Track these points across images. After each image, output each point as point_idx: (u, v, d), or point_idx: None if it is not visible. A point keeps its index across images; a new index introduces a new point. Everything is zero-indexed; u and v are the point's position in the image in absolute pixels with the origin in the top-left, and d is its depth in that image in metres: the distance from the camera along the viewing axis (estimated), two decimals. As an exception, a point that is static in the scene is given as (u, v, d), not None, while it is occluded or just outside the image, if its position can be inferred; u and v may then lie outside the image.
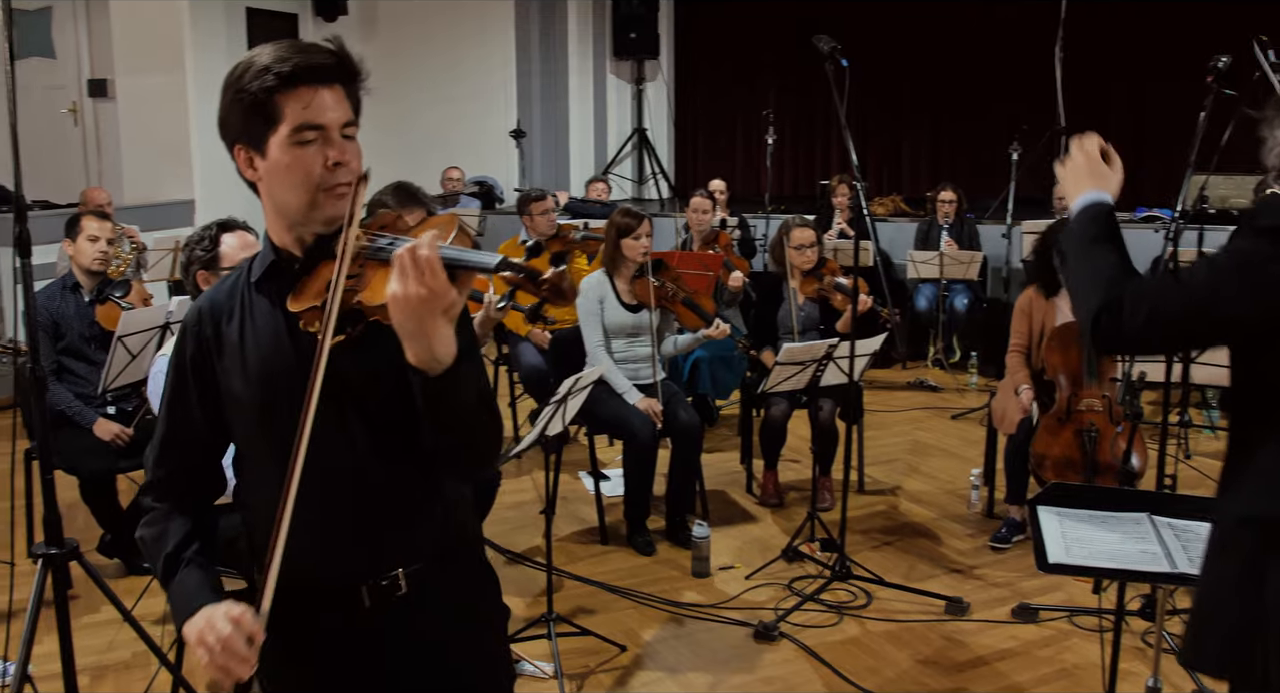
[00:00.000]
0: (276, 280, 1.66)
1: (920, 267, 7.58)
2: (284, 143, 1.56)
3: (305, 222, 1.62)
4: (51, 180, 8.94)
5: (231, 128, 1.62)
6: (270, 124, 1.56)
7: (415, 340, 1.46)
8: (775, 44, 11.00)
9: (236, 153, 1.62)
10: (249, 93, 1.56)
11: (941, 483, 5.48)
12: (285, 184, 1.59)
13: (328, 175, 1.58)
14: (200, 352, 1.69)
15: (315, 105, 1.56)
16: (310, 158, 1.57)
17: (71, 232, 4.41)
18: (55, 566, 2.60)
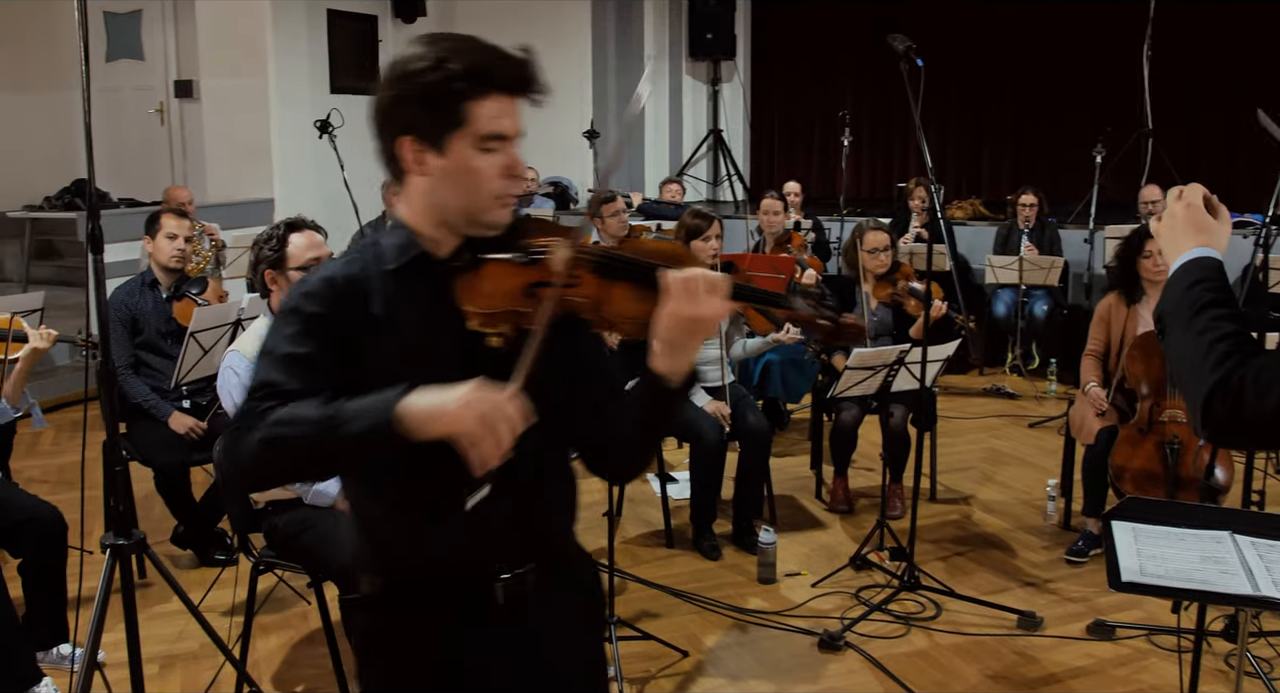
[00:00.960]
0: (424, 272, 1.63)
1: (999, 271, 7.42)
2: (468, 146, 1.57)
3: (465, 224, 1.62)
4: (139, 178, 9.20)
5: (400, 119, 1.58)
6: (456, 125, 1.56)
7: (675, 354, 1.57)
8: (852, 44, 10.87)
9: (400, 143, 1.59)
10: (438, 88, 1.54)
11: (1016, 493, 5.35)
12: (459, 186, 1.59)
13: (503, 185, 1.60)
14: (342, 323, 1.60)
15: (507, 116, 1.58)
16: (491, 165, 1.58)
17: (151, 229, 4.49)
18: (123, 557, 2.64)
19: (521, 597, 1.70)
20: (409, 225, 1.66)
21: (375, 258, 1.65)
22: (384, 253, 1.65)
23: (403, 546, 1.68)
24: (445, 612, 1.70)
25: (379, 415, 1.48)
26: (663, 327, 1.55)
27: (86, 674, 2.77)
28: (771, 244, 6.87)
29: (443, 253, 1.64)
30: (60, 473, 5.61)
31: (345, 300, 1.61)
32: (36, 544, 3.50)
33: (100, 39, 9.43)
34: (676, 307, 1.53)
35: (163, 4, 9.33)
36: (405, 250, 1.64)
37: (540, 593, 1.73)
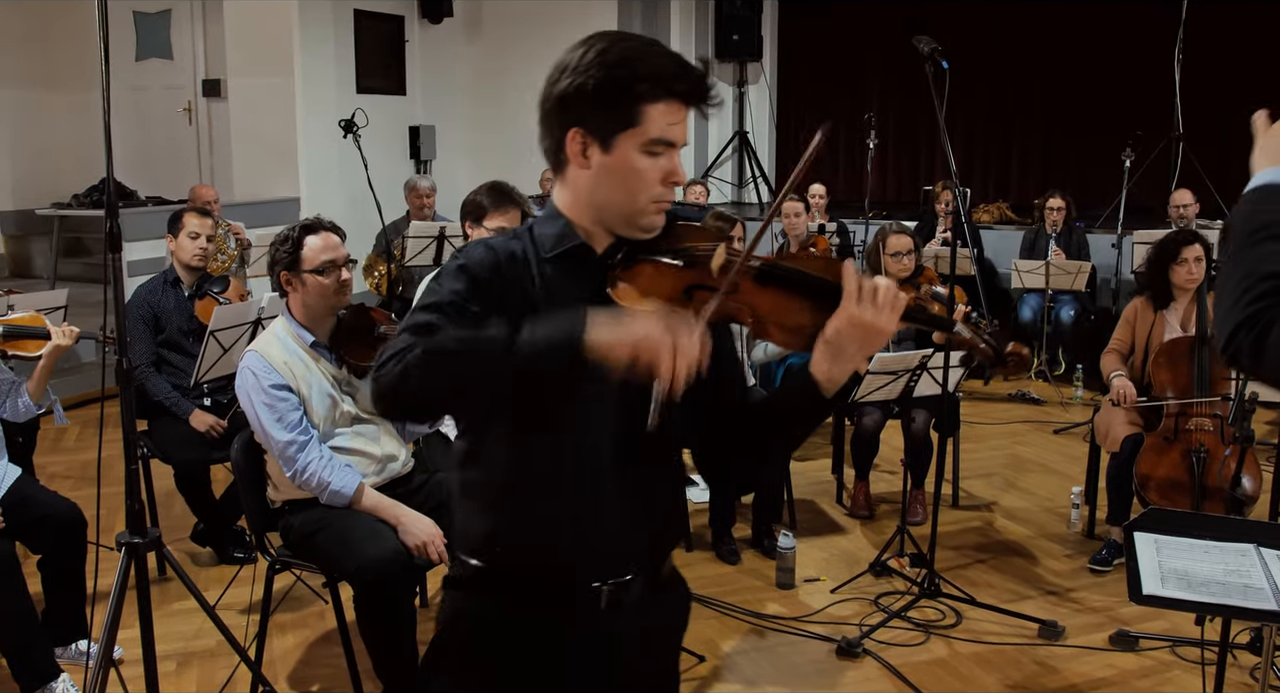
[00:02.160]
0: (580, 263, 1.64)
1: (1025, 276, 7.35)
2: (635, 147, 1.57)
3: (618, 224, 1.63)
4: (166, 177, 9.26)
5: (575, 110, 1.58)
6: (628, 125, 1.56)
7: (841, 361, 1.57)
8: (880, 46, 10.81)
9: (571, 134, 1.59)
10: (619, 86, 1.55)
11: (1040, 500, 5.29)
12: (621, 185, 1.59)
13: (662, 190, 1.61)
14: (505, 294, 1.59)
15: (678, 124, 1.59)
16: (654, 169, 1.59)
17: (174, 227, 4.51)
18: (137, 555, 2.64)
19: (621, 602, 1.69)
20: (565, 216, 1.66)
21: (529, 243, 1.65)
22: (541, 239, 1.65)
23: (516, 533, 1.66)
24: (547, 606, 1.68)
25: (565, 328, 1.44)
26: (836, 330, 1.55)
27: (102, 671, 2.78)
28: (795, 246, 6.84)
29: (597, 247, 1.65)
30: (83, 469, 5.64)
31: (508, 273, 1.61)
32: (55, 540, 3.52)
33: (130, 38, 9.50)
34: (859, 312, 1.53)
35: (191, 4, 9.39)
36: (563, 240, 1.65)
37: (642, 600, 1.71)
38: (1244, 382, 3.54)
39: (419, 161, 10.39)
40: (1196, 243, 4.41)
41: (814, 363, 1.59)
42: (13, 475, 3.62)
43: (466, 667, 1.74)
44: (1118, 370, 4.47)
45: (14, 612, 3.30)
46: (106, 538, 3.95)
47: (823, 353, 1.57)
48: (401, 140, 10.25)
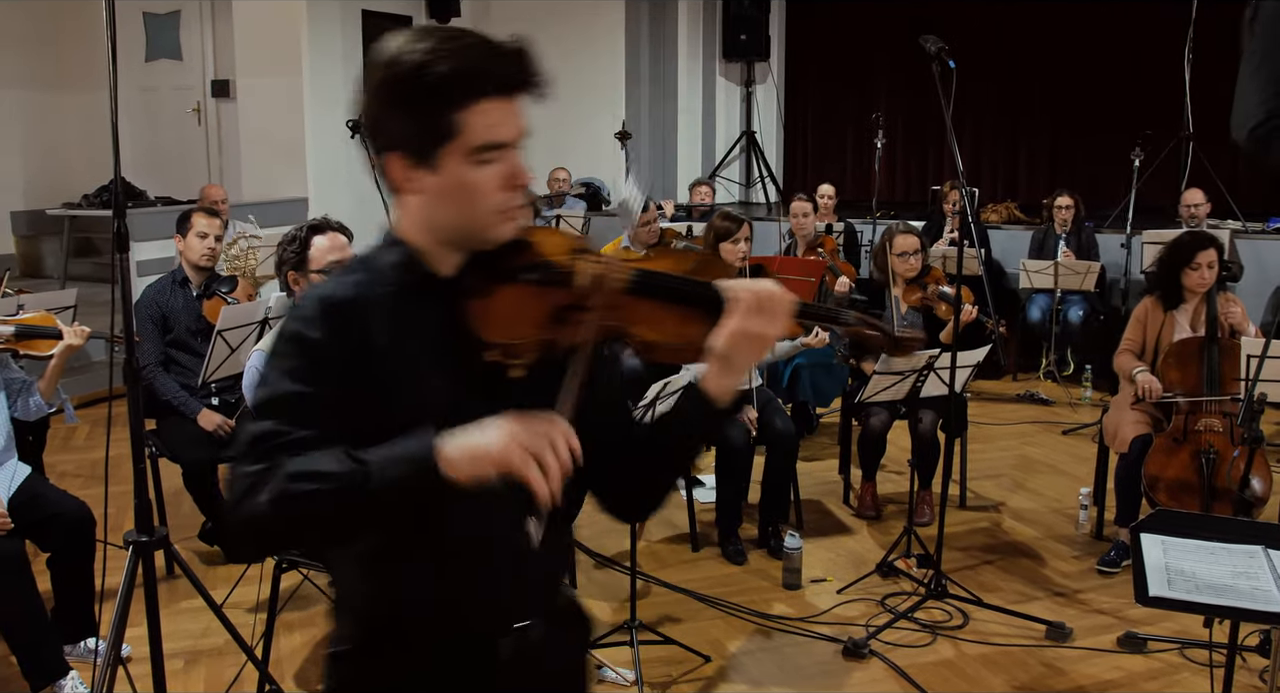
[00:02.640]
0: (429, 294, 1.47)
1: (1033, 276, 7.32)
2: (461, 160, 1.40)
3: (464, 242, 1.47)
4: (176, 177, 9.29)
5: (388, 134, 1.42)
6: (445, 138, 1.39)
7: (730, 373, 1.47)
8: (888, 46, 10.79)
9: (389, 160, 1.42)
10: (423, 100, 1.37)
11: (1048, 501, 5.28)
12: (455, 204, 1.42)
13: (505, 197, 1.43)
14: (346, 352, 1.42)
15: (504, 122, 1.41)
16: (489, 178, 1.41)
17: (182, 227, 4.53)
18: (145, 553, 2.65)
19: (525, 649, 1.56)
20: (407, 241, 1.49)
21: (371, 278, 1.47)
22: (382, 272, 1.47)
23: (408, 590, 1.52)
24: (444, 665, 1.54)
25: (417, 460, 1.31)
26: (725, 343, 1.44)
27: (110, 669, 2.79)
28: (803, 247, 6.83)
29: (446, 271, 1.48)
30: (93, 468, 5.66)
31: (346, 326, 1.42)
32: (65, 539, 3.54)
33: (139, 39, 9.53)
34: (746, 323, 1.43)
35: (200, 4, 9.42)
36: (406, 270, 1.48)
37: (544, 644, 1.59)
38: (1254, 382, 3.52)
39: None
40: (1211, 248, 4.39)
41: (705, 378, 1.48)
42: (23, 474, 3.64)
43: None
44: (1139, 366, 4.43)
45: (23, 610, 3.31)
46: (115, 537, 3.94)
47: (714, 366, 1.47)
48: (410, 140, 10.27)
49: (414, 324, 1.45)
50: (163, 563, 4.20)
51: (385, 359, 1.42)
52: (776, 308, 1.44)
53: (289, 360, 1.41)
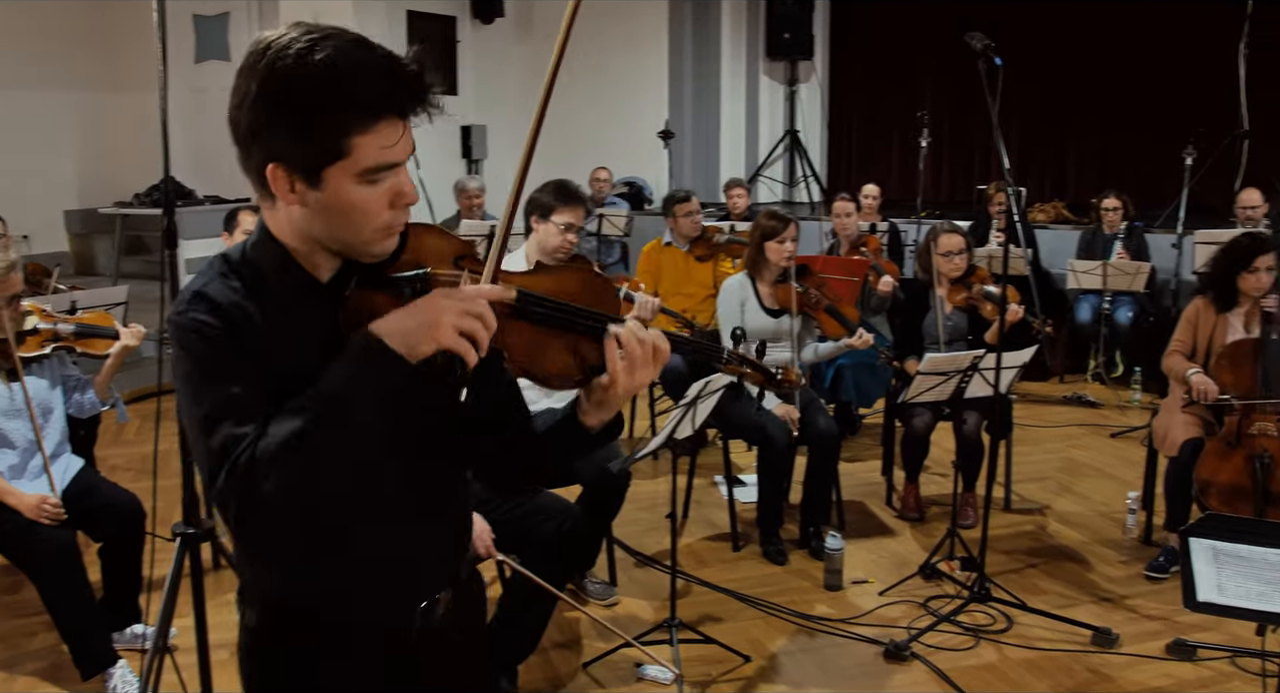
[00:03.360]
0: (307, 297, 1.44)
1: (1081, 276, 7.23)
2: (348, 180, 1.35)
3: (343, 251, 1.43)
4: (224, 177, 9.38)
5: (271, 145, 1.34)
6: (334, 158, 1.33)
7: (610, 409, 1.56)
8: (933, 44, 10.70)
9: (271, 170, 1.35)
10: (313, 118, 1.31)
11: (1095, 505, 5.20)
12: (340, 219, 1.38)
13: (391, 215, 1.39)
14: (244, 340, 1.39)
15: (397, 144, 1.36)
16: (378, 198, 1.37)
17: (229, 225, 4.58)
18: (191, 544, 2.69)
19: (432, 623, 1.60)
20: (281, 241, 1.44)
21: (253, 278, 1.43)
22: (256, 269, 1.44)
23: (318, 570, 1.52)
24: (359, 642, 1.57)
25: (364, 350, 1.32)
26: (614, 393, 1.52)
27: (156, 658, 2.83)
28: (846, 246, 6.79)
29: (323, 276, 1.45)
30: (143, 462, 5.75)
31: (236, 327, 1.39)
32: (115, 530, 3.60)
33: (189, 40, 9.66)
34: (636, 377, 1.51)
35: (249, 6, 9.53)
36: (282, 271, 1.44)
37: (449, 617, 1.63)
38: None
39: (470, 160, 10.48)
40: (1271, 252, 4.30)
41: (583, 412, 1.55)
42: (75, 467, 3.71)
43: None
44: (1194, 368, 4.35)
45: (75, 599, 3.38)
46: (163, 529, 4.00)
47: (593, 404, 1.54)
48: (453, 140, 10.34)
49: (297, 327, 1.42)
50: (209, 556, 4.27)
51: (270, 356, 1.39)
52: (660, 359, 1.51)
53: (206, 363, 1.38)
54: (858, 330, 4.58)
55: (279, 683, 1.59)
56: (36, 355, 3.59)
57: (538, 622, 3.46)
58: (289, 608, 1.55)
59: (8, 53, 8.44)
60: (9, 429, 3.50)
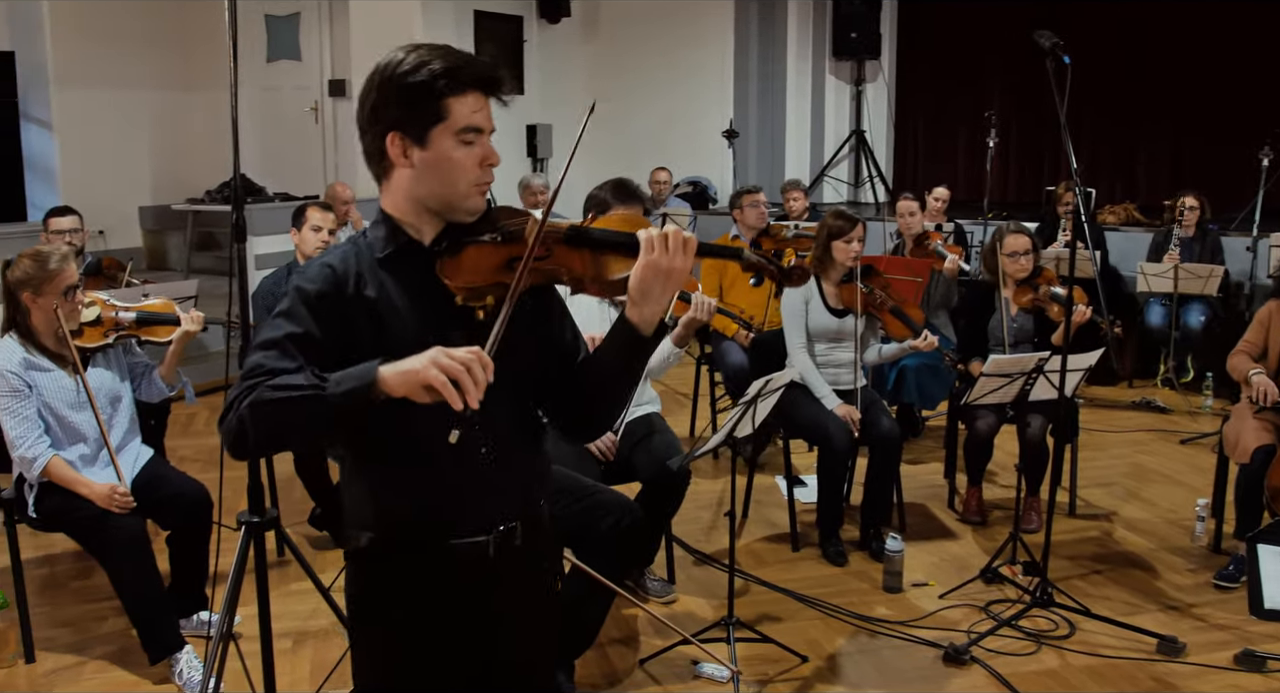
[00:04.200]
0: (410, 258, 1.81)
1: (1152, 279, 7.08)
2: (448, 139, 1.75)
3: (445, 210, 1.81)
4: (294, 174, 9.58)
5: (388, 116, 1.76)
6: (437, 120, 1.74)
7: (648, 303, 1.78)
8: (1001, 44, 10.55)
9: (390, 139, 1.75)
10: (421, 88, 1.73)
11: (1163, 512, 5.10)
12: (442, 176, 1.77)
13: (481, 173, 1.79)
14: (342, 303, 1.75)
15: (482, 111, 1.78)
16: (469, 156, 1.77)
17: (297, 221, 4.66)
18: (256, 533, 2.74)
19: (509, 550, 1.88)
20: (392, 217, 1.83)
21: (364, 249, 1.82)
22: (372, 243, 1.82)
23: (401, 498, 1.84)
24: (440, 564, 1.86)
25: (361, 377, 1.63)
26: (638, 278, 1.76)
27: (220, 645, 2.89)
28: (910, 246, 6.73)
29: (425, 240, 1.83)
30: (211, 453, 5.88)
31: (343, 284, 1.76)
32: (183, 518, 3.69)
33: (261, 41, 9.84)
34: (654, 259, 1.74)
35: (319, 6, 9.68)
36: (391, 239, 1.82)
37: (524, 546, 1.91)
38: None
39: (536, 159, 10.55)
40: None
41: (627, 308, 1.80)
42: (145, 456, 3.80)
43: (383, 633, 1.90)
44: (1256, 368, 4.26)
45: (144, 585, 3.47)
46: (229, 519, 4.09)
47: (633, 297, 1.78)
48: (519, 138, 10.42)
49: (398, 281, 1.79)
50: (274, 546, 4.35)
51: (374, 309, 1.76)
52: (677, 244, 1.75)
53: (287, 308, 1.74)
54: (922, 332, 4.54)
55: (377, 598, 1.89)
56: (100, 346, 3.68)
57: (595, 617, 3.48)
58: (384, 528, 1.85)
59: (86, 53, 8.66)
60: (78, 421, 3.59)
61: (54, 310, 3.46)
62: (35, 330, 3.55)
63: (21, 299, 3.51)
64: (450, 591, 1.88)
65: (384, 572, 1.88)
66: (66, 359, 3.59)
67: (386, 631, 1.90)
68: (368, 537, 1.87)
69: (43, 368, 3.54)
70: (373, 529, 1.87)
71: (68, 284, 3.50)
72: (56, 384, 3.56)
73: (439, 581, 1.87)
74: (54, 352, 3.58)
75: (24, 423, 3.47)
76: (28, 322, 3.54)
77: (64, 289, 3.49)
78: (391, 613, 1.89)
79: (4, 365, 3.47)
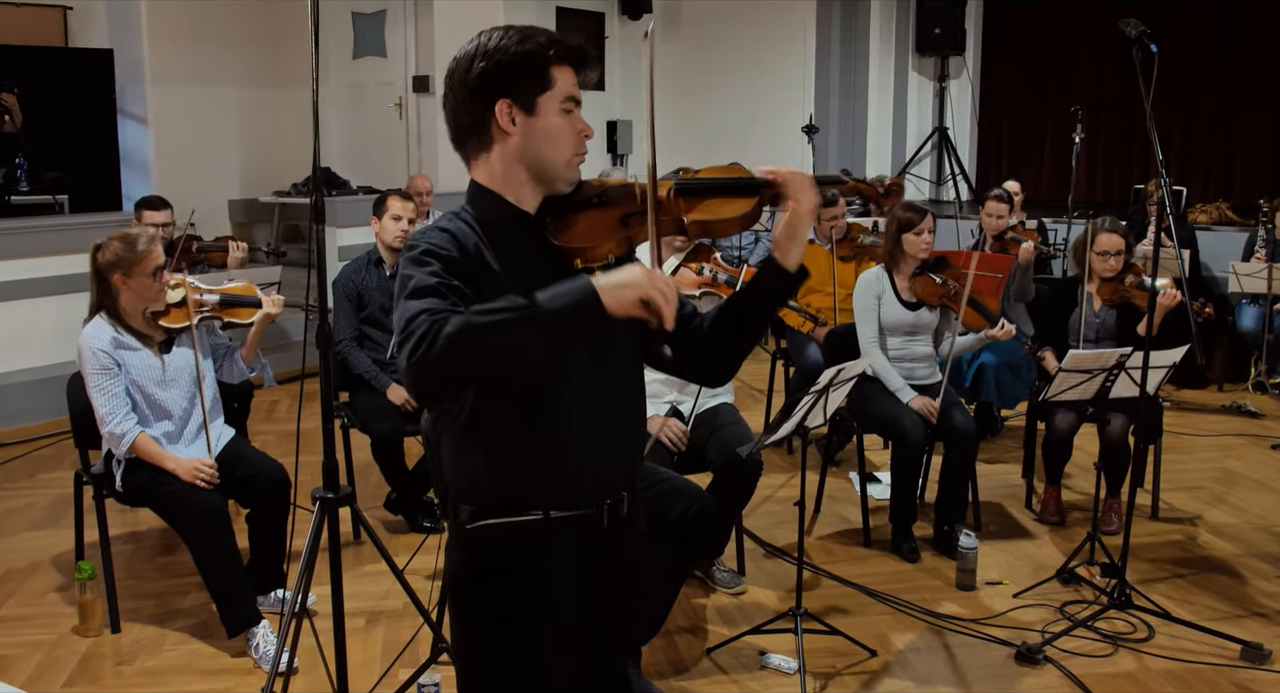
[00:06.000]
0: (519, 227, 1.85)
1: (1244, 279, 6.87)
2: (554, 107, 1.82)
3: (552, 178, 1.85)
4: (378, 168, 9.75)
5: (496, 85, 1.80)
6: (544, 87, 1.81)
7: (796, 245, 1.88)
8: (1090, 40, 10.31)
9: (500, 106, 1.80)
10: (530, 57, 1.80)
11: (1251, 517, 4.94)
12: (550, 141, 1.82)
13: (577, 143, 1.86)
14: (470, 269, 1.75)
15: (578, 84, 1.85)
16: (569, 125, 1.84)
17: (378, 210, 4.74)
18: (330, 509, 2.80)
19: (618, 520, 1.92)
20: (492, 190, 1.85)
21: (477, 217, 1.84)
22: (481, 215, 1.84)
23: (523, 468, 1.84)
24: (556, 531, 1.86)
25: (579, 292, 1.61)
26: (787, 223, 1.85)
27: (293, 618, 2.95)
28: (991, 243, 6.61)
29: (531, 211, 1.87)
30: (291, 439, 6.00)
31: (466, 249, 1.77)
32: (263, 497, 3.77)
33: (347, 38, 10.04)
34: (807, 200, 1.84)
35: (405, 4, 9.83)
36: (502, 212, 1.85)
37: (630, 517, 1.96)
38: None
39: (616, 155, 10.59)
40: None
41: (775, 253, 1.89)
42: (228, 436, 3.90)
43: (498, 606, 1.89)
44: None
45: (224, 561, 3.56)
46: (306, 502, 4.19)
47: (780, 244, 1.88)
48: (600, 134, 10.47)
49: (513, 251, 1.82)
50: (349, 528, 4.44)
51: (496, 279, 1.76)
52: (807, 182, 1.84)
53: (431, 265, 1.71)
54: (999, 320, 4.46)
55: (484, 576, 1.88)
56: (184, 326, 3.79)
57: (663, 605, 3.48)
58: (492, 502, 1.85)
59: (181, 51, 8.91)
60: (164, 398, 3.71)
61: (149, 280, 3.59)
62: (124, 311, 3.68)
63: (112, 281, 3.64)
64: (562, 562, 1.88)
65: (494, 547, 1.87)
66: (153, 339, 3.72)
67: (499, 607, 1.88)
68: (468, 510, 1.87)
69: (131, 347, 3.67)
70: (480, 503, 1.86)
71: (155, 265, 3.63)
72: (144, 363, 3.68)
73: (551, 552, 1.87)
74: (141, 332, 3.71)
75: (113, 400, 3.59)
76: (116, 303, 3.67)
77: (151, 270, 3.61)
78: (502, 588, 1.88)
79: (95, 344, 3.59)
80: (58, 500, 5.08)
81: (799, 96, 10.68)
